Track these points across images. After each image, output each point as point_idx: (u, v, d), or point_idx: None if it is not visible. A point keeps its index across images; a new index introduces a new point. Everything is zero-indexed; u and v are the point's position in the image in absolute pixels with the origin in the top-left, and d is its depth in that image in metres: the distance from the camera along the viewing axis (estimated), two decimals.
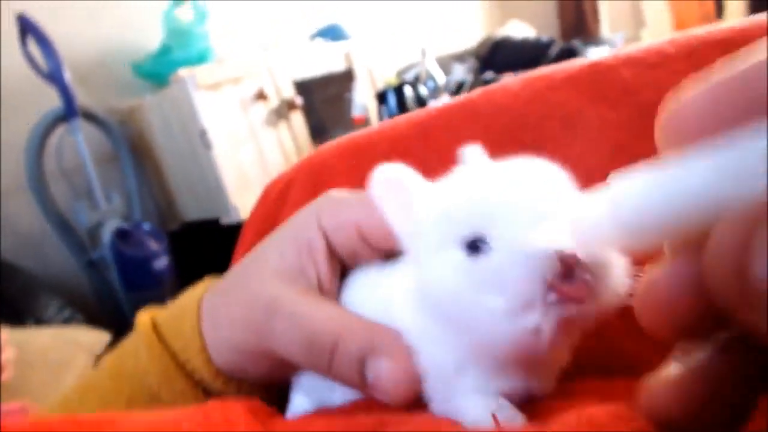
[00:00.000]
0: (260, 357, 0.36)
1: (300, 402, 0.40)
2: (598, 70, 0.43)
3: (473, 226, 0.28)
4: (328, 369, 0.32)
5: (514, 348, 0.26)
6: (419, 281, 0.30)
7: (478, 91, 0.48)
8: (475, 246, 0.28)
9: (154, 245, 1.89)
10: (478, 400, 0.30)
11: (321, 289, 0.35)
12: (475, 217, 0.28)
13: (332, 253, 0.36)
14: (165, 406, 0.36)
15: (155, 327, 0.39)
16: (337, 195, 0.38)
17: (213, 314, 0.37)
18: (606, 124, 0.41)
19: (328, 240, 0.36)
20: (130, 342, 0.40)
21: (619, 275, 0.26)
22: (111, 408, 0.36)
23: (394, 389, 0.31)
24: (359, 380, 0.31)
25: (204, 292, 0.39)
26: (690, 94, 0.18)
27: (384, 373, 0.31)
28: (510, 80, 0.47)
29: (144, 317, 0.40)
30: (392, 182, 0.32)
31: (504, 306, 0.26)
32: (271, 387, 0.39)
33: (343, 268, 0.37)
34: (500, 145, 0.35)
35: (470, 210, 0.28)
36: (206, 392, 0.37)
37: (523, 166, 0.30)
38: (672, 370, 0.19)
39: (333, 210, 0.36)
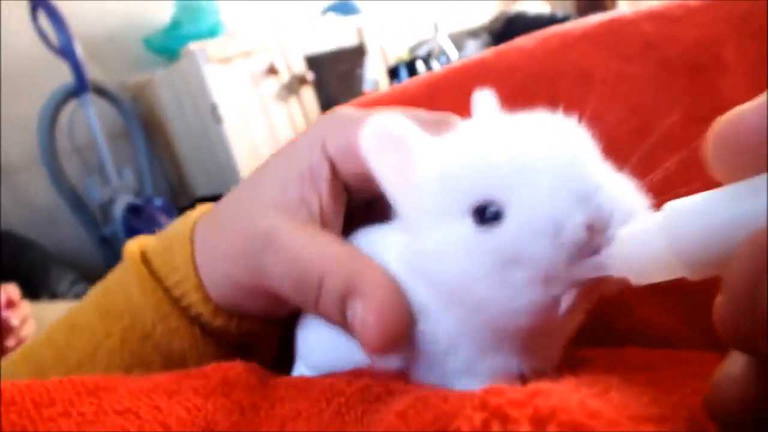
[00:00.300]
0: (255, 292, 0.34)
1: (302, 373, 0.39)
2: (616, 25, 0.42)
3: (484, 191, 0.25)
4: (315, 306, 0.30)
5: (530, 320, 0.24)
6: (416, 254, 0.28)
7: (491, 50, 0.47)
8: (484, 213, 0.25)
9: (165, 221, 1.89)
10: (469, 382, 0.28)
11: (323, 220, 0.33)
12: (486, 179, 0.25)
13: (337, 179, 0.33)
14: (158, 343, 0.35)
15: (145, 259, 0.36)
16: (346, 112, 0.34)
17: (207, 246, 0.35)
18: (624, 81, 0.39)
19: (333, 165, 0.33)
20: (117, 275, 0.38)
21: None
22: (102, 349, 0.35)
23: (365, 332, 0.28)
24: (341, 319, 0.30)
25: (196, 220, 0.37)
26: (747, 107, 0.17)
27: (358, 314, 0.29)
28: (524, 39, 0.46)
29: (132, 248, 0.37)
30: (388, 136, 0.28)
31: (526, 278, 0.24)
32: (274, 324, 0.38)
33: (350, 195, 0.34)
34: (512, 105, 0.33)
35: (480, 171, 0.25)
36: (203, 329, 0.35)
37: (537, 121, 0.27)
38: (731, 365, 0.19)
39: (340, 131, 0.33)
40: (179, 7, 2.06)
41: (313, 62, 2.15)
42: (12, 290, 0.98)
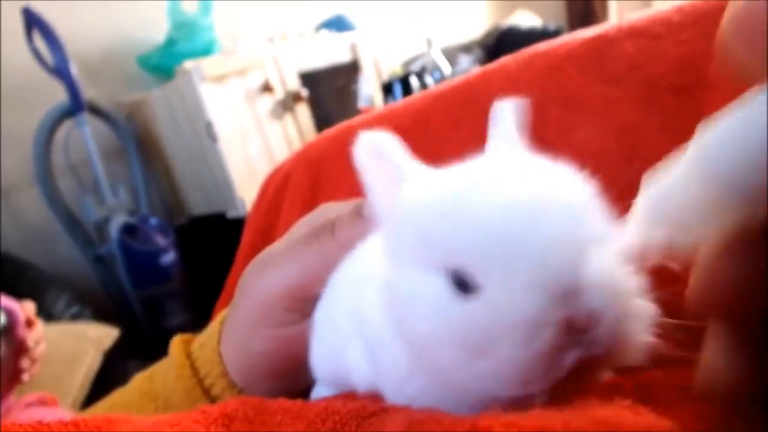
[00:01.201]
0: (255, 373, 0.38)
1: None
2: (600, 44, 0.41)
3: (459, 259, 0.23)
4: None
5: (491, 403, 0.23)
6: (390, 286, 0.27)
7: (477, 71, 0.47)
8: (459, 279, 0.23)
9: (161, 240, 1.89)
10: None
11: None
12: (462, 248, 0.23)
13: None
14: None
15: (188, 352, 0.40)
16: (327, 206, 0.40)
17: (224, 336, 0.39)
18: (610, 104, 0.40)
19: None
20: (162, 364, 0.42)
21: (638, 329, 0.23)
22: None
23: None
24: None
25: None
26: None
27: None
28: (509, 60, 0.46)
29: (177, 341, 0.42)
30: (379, 151, 0.28)
31: (493, 372, 0.22)
32: None
33: None
34: None
35: (457, 237, 0.23)
36: None
37: (541, 178, 0.24)
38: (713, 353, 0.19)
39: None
40: (174, 25, 2.06)
41: (308, 79, 2.16)
42: (30, 308, 0.97)
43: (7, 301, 0.91)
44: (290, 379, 0.38)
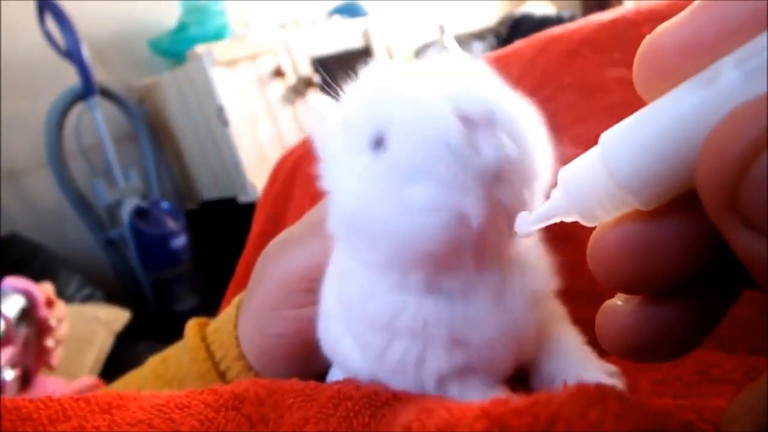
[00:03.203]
0: (271, 355, 0.38)
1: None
2: (618, 28, 0.41)
3: (374, 124, 0.26)
4: None
5: (442, 242, 0.24)
6: (329, 199, 0.29)
7: (490, 55, 0.46)
8: (380, 144, 0.26)
9: (171, 224, 1.90)
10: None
11: None
12: (373, 112, 0.26)
13: None
14: None
15: (203, 336, 0.41)
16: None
17: (241, 319, 0.39)
18: (629, 90, 0.39)
19: None
20: (176, 347, 0.42)
21: (537, 140, 0.26)
22: None
23: None
24: None
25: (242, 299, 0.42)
26: (666, 25, 0.16)
27: None
28: (523, 43, 0.45)
29: (192, 326, 0.42)
30: (316, 113, 0.31)
31: (428, 191, 0.23)
32: None
33: None
34: None
35: (369, 106, 0.27)
36: None
37: (437, 59, 0.28)
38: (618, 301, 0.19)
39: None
40: (186, 9, 2.06)
41: (320, 65, 2.15)
42: (49, 289, 0.98)
43: (25, 283, 0.91)
44: (306, 363, 0.38)
